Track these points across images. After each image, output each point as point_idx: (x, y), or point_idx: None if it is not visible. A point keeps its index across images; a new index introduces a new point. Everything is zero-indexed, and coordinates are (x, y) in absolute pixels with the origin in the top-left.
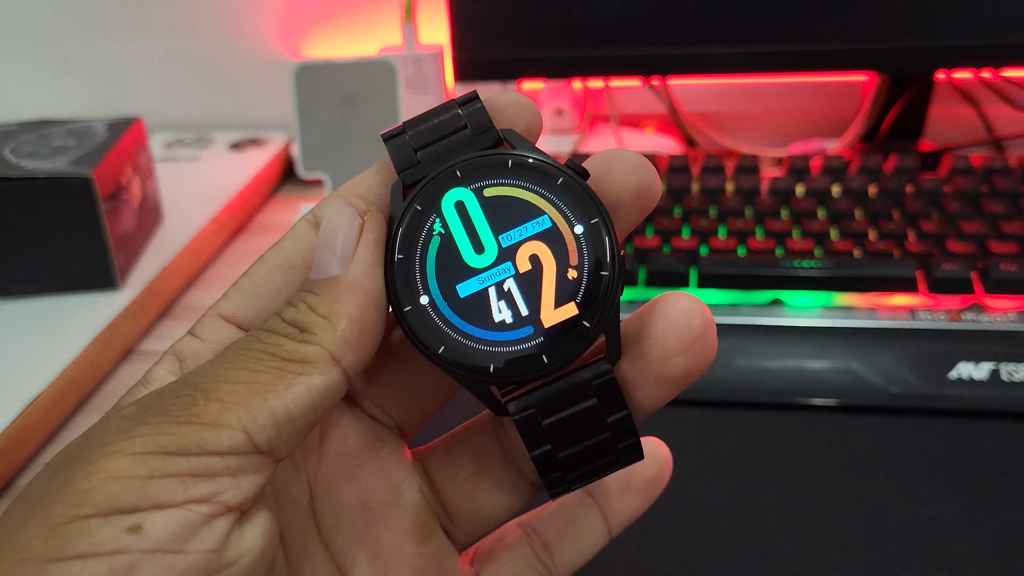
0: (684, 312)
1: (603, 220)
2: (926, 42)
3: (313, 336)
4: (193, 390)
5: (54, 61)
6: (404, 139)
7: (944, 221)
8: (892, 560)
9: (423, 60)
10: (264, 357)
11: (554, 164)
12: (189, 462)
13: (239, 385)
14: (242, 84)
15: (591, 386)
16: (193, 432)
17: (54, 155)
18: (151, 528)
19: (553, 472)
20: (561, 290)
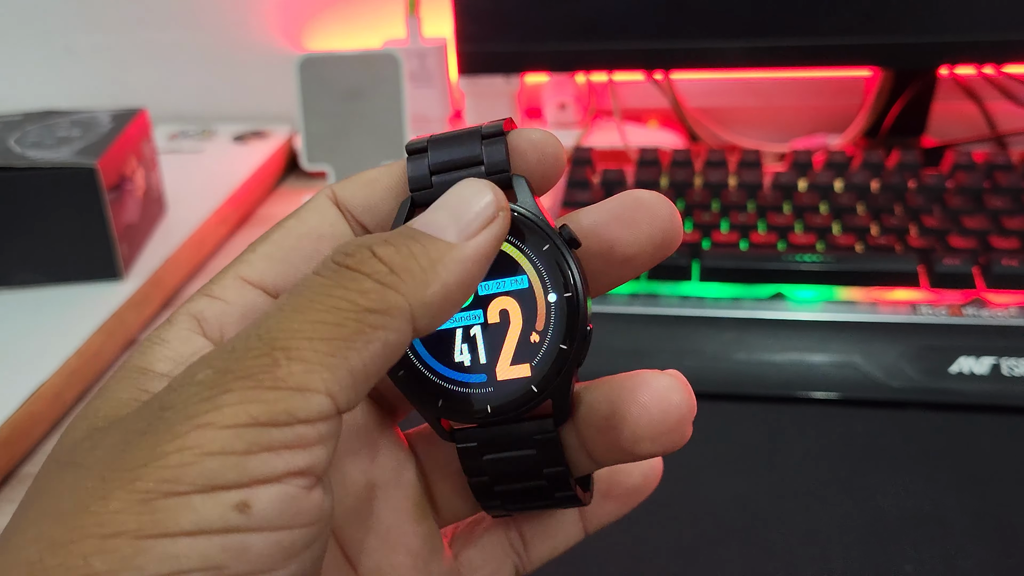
0: (661, 402)
1: (576, 295)
2: (929, 37)
3: (402, 284)
4: (271, 348)
5: (58, 52)
6: (424, 159)
7: (946, 216)
8: (891, 552)
9: (427, 53)
10: (344, 305)
11: (546, 229)
12: (283, 433)
13: (319, 341)
14: (246, 76)
15: (532, 439)
16: (282, 399)
17: (59, 145)
18: (258, 505)
19: (490, 500)
20: (520, 350)
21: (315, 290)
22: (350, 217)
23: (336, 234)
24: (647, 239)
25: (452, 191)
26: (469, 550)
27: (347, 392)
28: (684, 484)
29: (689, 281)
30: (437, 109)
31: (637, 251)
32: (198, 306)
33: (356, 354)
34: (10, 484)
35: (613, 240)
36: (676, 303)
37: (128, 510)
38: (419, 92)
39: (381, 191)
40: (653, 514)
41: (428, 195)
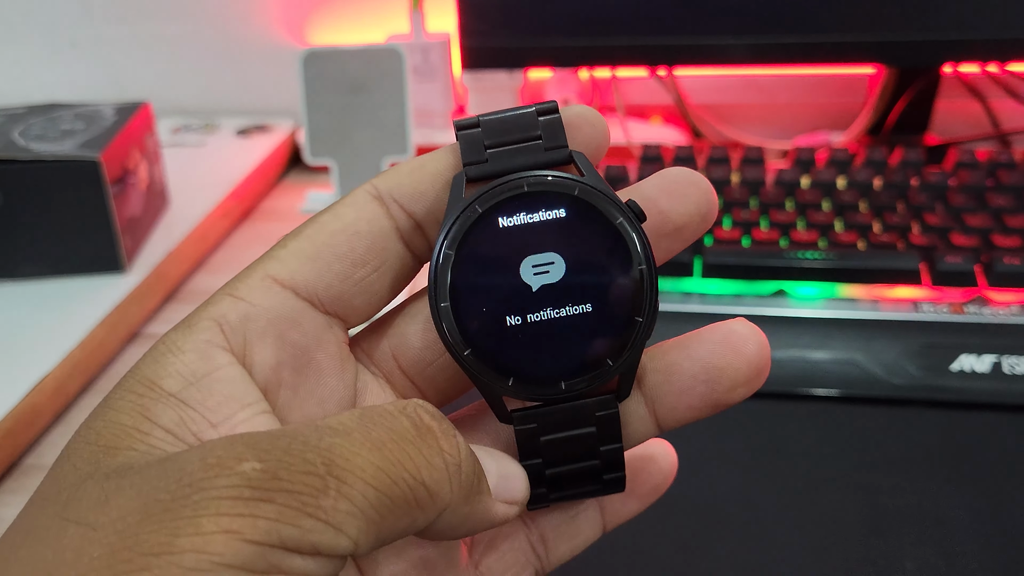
0: (755, 347)
1: (649, 268)
2: (933, 35)
3: (457, 480)
4: (327, 472)
5: (62, 46)
6: (477, 133)
7: (948, 214)
8: (891, 549)
9: (430, 48)
10: (409, 465)
11: (617, 202)
12: (304, 562)
13: (373, 490)
14: (249, 70)
15: (594, 416)
16: (318, 531)
17: (62, 138)
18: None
19: (537, 487)
20: (594, 324)
21: (393, 434)
22: (396, 208)
23: (373, 231)
24: (695, 208)
25: (501, 454)
26: (490, 557)
27: (366, 546)
28: (686, 479)
29: (691, 277)
30: (440, 104)
31: (687, 220)
32: (221, 309)
33: (392, 518)
34: (13, 475)
35: (665, 212)
36: (678, 299)
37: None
38: (422, 87)
39: (429, 177)
40: (655, 508)
41: (483, 169)
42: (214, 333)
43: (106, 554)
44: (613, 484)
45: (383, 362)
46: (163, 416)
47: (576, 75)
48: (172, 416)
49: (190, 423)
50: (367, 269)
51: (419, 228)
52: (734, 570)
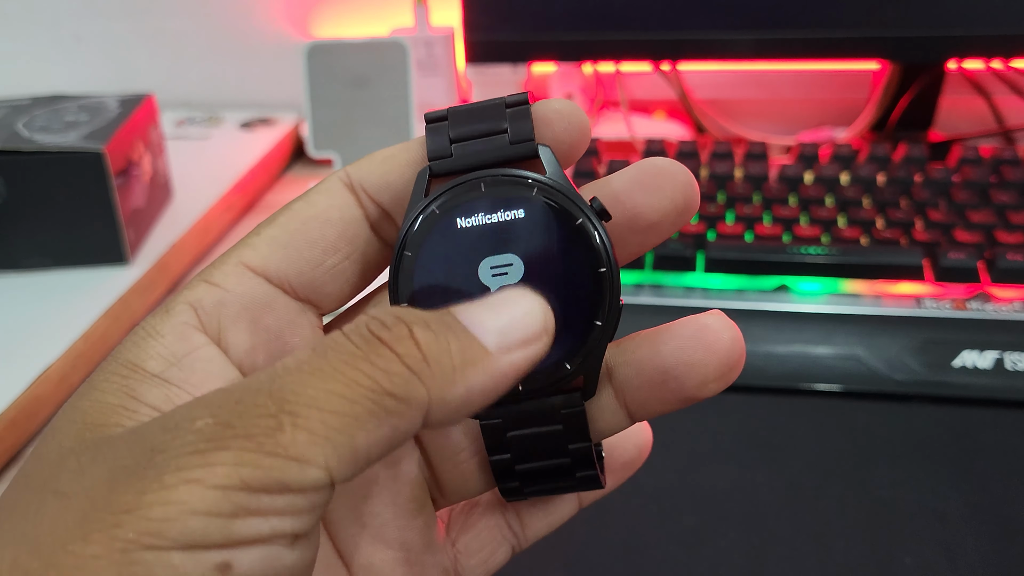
0: (724, 342)
1: (610, 270)
2: (937, 31)
3: (428, 374)
4: (279, 409)
5: (66, 39)
6: (444, 127)
7: (952, 210)
8: (891, 544)
9: (434, 42)
10: (365, 382)
11: (577, 202)
12: (272, 500)
13: (330, 414)
14: (253, 63)
15: (560, 413)
16: (278, 467)
17: (66, 130)
18: (240, 567)
19: (509, 481)
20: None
21: (341, 356)
22: (365, 197)
23: (344, 218)
24: (670, 204)
25: (505, 295)
26: (466, 535)
27: (345, 468)
28: (685, 473)
29: (694, 272)
30: (444, 98)
31: (661, 217)
32: (196, 294)
33: (364, 435)
34: (16, 464)
35: (637, 207)
36: (680, 294)
37: (106, 557)
38: (426, 81)
39: (399, 167)
40: (654, 502)
41: (447, 164)
42: (190, 316)
43: (79, 519)
44: (587, 481)
45: None
46: (148, 395)
47: (580, 70)
48: (158, 394)
49: (176, 399)
50: (338, 256)
51: (387, 216)
52: (734, 563)
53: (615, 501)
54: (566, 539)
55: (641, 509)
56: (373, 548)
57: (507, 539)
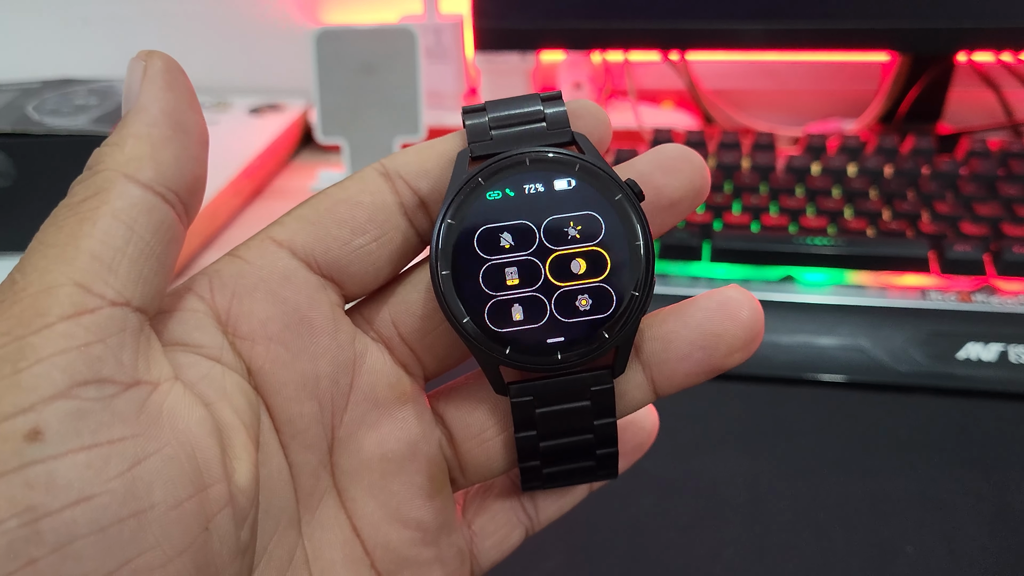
0: (750, 313)
1: (646, 244)
2: (947, 23)
3: (100, 165)
4: (13, 272)
5: (75, 23)
6: (483, 116)
7: (959, 203)
8: (893, 533)
9: (443, 29)
10: (62, 212)
11: (616, 180)
12: (46, 339)
13: (49, 248)
14: (262, 49)
15: (589, 390)
16: (27, 306)
17: (76, 113)
18: (50, 429)
19: (531, 459)
20: (591, 297)
21: (48, 218)
22: (402, 184)
23: (375, 202)
24: (689, 183)
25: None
26: (482, 517)
27: (101, 276)
28: (688, 461)
29: (699, 261)
30: (452, 85)
31: (681, 195)
32: (217, 266)
33: (87, 237)
34: None
35: (660, 187)
36: (686, 283)
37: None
38: (434, 68)
39: (436, 156)
40: (657, 489)
41: (488, 146)
42: (199, 282)
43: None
44: (605, 461)
45: (383, 328)
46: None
47: (588, 58)
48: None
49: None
50: (366, 238)
51: (423, 205)
52: (736, 550)
53: (618, 487)
54: (568, 524)
55: (644, 495)
56: (390, 527)
57: (521, 521)
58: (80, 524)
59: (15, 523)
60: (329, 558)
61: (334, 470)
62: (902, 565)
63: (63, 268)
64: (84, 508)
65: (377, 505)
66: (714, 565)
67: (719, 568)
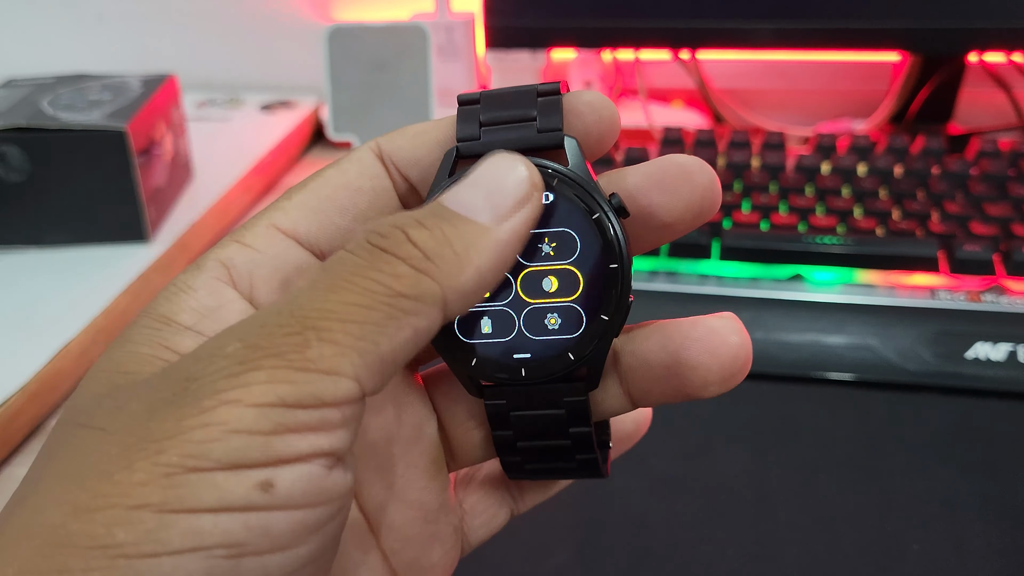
0: (728, 347)
1: (621, 267)
2: (959, 23)
3: (436, 270)
4: (303, 327)
5: (89, 19)
6: (475, 110)
7: (969, 203)
8: (899, 532)
9: (454, 27)
10: (376, 288)
11: (596, 196)
12: (309, 415)
13: (351, 324)
14: (274, 46)
15: (563, 400)
16: (311, 382)
17: (90, 108)
18: (282, 485)
19: (511, 455)
20: (561, 316)
21: (349, 269)
22: (394, 171)
23: (376, 188)
24: (685, 207)
25: (485, 166)
26: (472, 497)
27: (374, 377)
28: (696, 458)
29: (709, 260)
30: (463, 83)
31: (677, 218)
32: (227, 253)
33: (387, 340)
34: (38, 436)
35: (654, 206)
36: (695, 281)
37: (152, 483)
38: (445, 66)
39: (428, 144)
40: (664, 486)
41: (474, 147)
42: (221, 272)
43: (121, 450)
44: (588, 465)
45: None
46: (181, 346)
47: (599, 57)
48: (190, 345)
49: None
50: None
51: (414, 191)
52: (742, 547)
53: (624, 483)
54: (574, 520)
55: (650, 492)
56: (395, 508)
57: (507, 503)
58: (273, 569)
59: (222, 552)
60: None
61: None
62: (909, 563)
63: (355, 359)
64: (283, 556)
65: (383, 486)
66: (720, 562)
67: (725, 565)
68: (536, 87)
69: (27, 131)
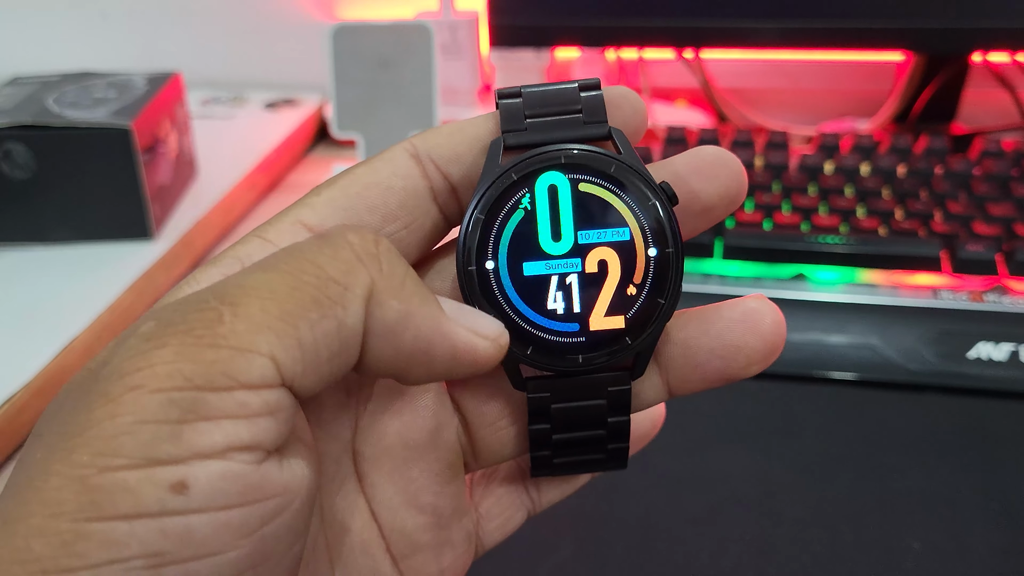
0: (771, 326)
1: (676, 250)
2: (963, 23)
3: (375, 266)
4: (220, 303)
5: (93, 17)
6: (518, 102)
7: (971, 203)
8: (899, 528)
9: (458, 26)
10: (308, 268)
11: (651, 183)
12: (221, 399)
13: (270, 302)
14: (278, 44)
15: (606, 390)
16: (221, 360)
17: (95, 106)
18: (197, 485)
19: (543, 449)
20: (616, 301)
21: (291, 251)
22: (432, 168)
23: (407, 187)
24: (724, 190)
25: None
26: (488, 500)
27: (294, 363)
28: (698, 456)
29: (711, 259)
30: (467, 82)
31: (716, 202)
32: (248, 249)
33: (307, 324)
34: None
35: (694, 192)
36: (698, 280)
37: (67, 487)
38: (449, 64)
39: (468, 140)
40: (667, 483)
41: (521, 137)
42: (233, 266)
43: (44, 453)
44: (615, 455)
45: None
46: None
47: (603, 56)
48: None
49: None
50: (397, 225)
51: (454, 191)
52: (744, 544)
53: (629, 481)
54: (578, 516)
55: (653, 489)
56: (407, 513)
57: (524, 505)
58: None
59: (140, 563)
60: (347, 543)
61: (355, 456)
62: (909, 561)
63: (270, 337)
64: (211, 562)
65: (396, 491)
66: (723, 559)
67: (728, 562)
68: (577, 82)
69: (32, 128)
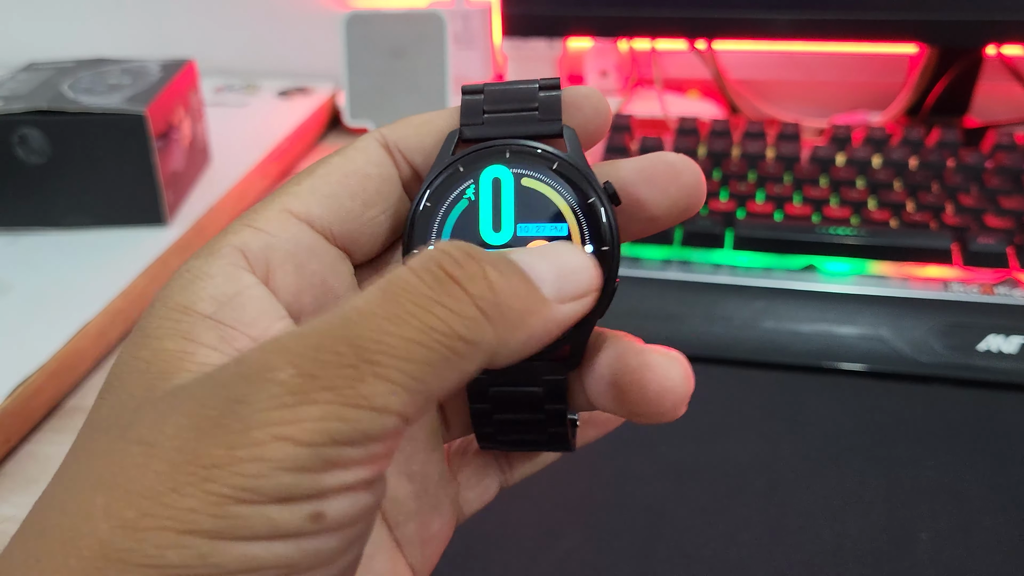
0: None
1: (612, 250)
2: (977, 15)
3: (499, 319)
4: (359, 359)
5: (109, 5)
6: (479, 98)
7: (983, 196)
8: (907, 519)
9: (471, 15)
10: (438, 326)
11: (592, 183)
12: (356, 452)
13: (408, 363)
14: (291, 32)
15: (542, 378)
16: (362, 419)
17: (110, 92)
18: (332, 515)
19: (486, 427)
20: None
21: (414, 299)
22: (400, 158)
23: (382, 175)
24: (672, 203)
25: (557, 248)
26: (466, 470)
27: (418, 413)
28: (706, 445)
29: (722, 249)
30: (479, 71)
31: (663, 213)
32: (242, 237)
33: (437, 381)
34: (56, 416)
35: (640, 200)
36: (709, 270)
37: (203, 510)
38: (462, 54)
39: (433, 133)
40: (675, 472)
41: (477, 131)
42: (237, 258)
43: (168, 468)
44: (557, 439)
45: None
46: (204, 336)
47: (615, 46)
48: (213, 336)
49: (232, 340)
50: (376, 210)
51: (417, 178)
52: (751, 533)
53: (635, 468)
54: (585, 504)
55: (662, 478)
56: (398, 481)
57: (496, 475)
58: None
59: (274, 573)
60: None
61: None
62: (917, 552)
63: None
64: (329, 569)
65: None
66: (730, 548)
67: (735, 551)
68: (539, 81)
69: (48, 114)
